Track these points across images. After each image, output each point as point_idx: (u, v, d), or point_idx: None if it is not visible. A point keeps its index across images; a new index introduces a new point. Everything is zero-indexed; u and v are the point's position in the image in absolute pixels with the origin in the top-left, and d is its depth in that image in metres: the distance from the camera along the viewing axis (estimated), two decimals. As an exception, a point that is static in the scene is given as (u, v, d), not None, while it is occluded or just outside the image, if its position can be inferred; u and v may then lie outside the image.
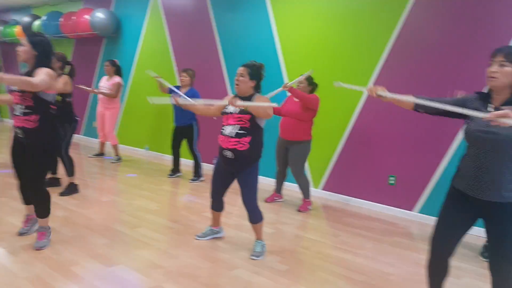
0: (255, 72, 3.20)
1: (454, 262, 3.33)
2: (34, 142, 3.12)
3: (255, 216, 3.31)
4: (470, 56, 4.09)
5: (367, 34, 4.81)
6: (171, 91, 5.57)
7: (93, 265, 3.00)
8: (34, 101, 3.07)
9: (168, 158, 6.80)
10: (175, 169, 5.89)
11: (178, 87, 5.53)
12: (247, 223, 3.93)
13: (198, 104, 3.46)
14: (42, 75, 2.99)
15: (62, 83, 4.54)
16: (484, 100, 2.10)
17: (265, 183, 5.43)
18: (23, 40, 3.14)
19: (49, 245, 3.27)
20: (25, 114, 3.08)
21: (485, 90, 2.14)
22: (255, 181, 3.27)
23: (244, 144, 3.12)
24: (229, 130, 3.15)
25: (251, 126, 3.12)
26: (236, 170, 3.25)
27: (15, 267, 2.90)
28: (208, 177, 5.93)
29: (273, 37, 5.64)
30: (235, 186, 3.45)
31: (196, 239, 3.59)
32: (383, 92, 2.25)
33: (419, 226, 4.35)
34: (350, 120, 4.98)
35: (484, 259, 3.47)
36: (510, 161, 1.98)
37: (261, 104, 3.02)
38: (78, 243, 3.38)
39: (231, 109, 3.17)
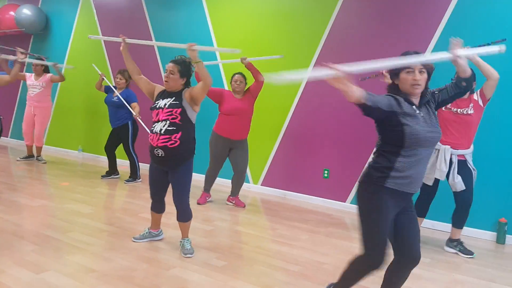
0: (186, 69, 3.14)
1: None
2: None
3: (185, 215, 3.27)
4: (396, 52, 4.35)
5: (300, 32, 4.96)
6: (107, 90, 5.48)
7: (20, 273, 2.85)
8: None
9: (104, 160, 6.58)
10: (111, 171, 5.72)
11: (114, 87, 5.48)
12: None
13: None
14: None
15: None
16: (403, 100, 2.10)
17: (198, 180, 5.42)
18: None
19: None
20: None
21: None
22: (188, 180, 3.21)
23: (174, 140, 3.05)
24: (159, 127, 3.08)
25: (182, 121, 3.07)
26: (168, 168, 3.19)
27: None
28: (146, 178, 5.83)
29: (210, 35, 5.64)
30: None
31: (133, 241, 3.50)
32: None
33: (352, 216, 4.56)
34: (286, 118, 5.11)
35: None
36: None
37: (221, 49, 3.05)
38: (4, 251, 3.19)
39: (161, 104, 3.11)
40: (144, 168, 5.99)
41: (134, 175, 5.59)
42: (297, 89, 4.99)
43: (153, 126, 3.13)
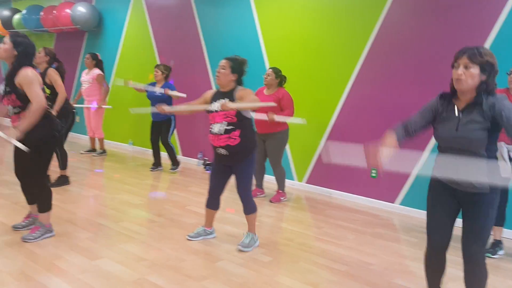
0: (237, 66, 3.20)
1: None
2: (30, 134, 3.09)
3: (248, 207, 3.33)
4: (448, 53, 4.18)
5: (348, 30, 4.86)
6: (146, 90, 5.71)
7: (76, 259, 3.00)
8: (21, 101, 3.14)
9: (151, 153, 6.78)
10: (156, 163, 5.93)
11: (153, 84, 5.69)
12: (231, 216, 3.97)
13: (180, 109, 3.48)
14: (31, 87, 3.07)
15: (53, 74, 4.56)
16: (449, 102, 2.17)
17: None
18: (6, 38, 3.19)
19: (35, 241, 3.24)
20: (15, 113, 3.18)
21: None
22: (250, 173, 3.30)
23: (235, 138, 3.14)
24: (217, 128, 3.16)
25: (238, 120, 3.14)
26: (233, 164, 3.26)
27: (-3, 262, 2.88)
28: (186, 170, 5.95)
29: (256, 32, 5.65)
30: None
31: (188, 239, 3.48)
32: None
33: (400, 217, 4.44)
34: (333, 114, 5.04)
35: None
36: (476, 158, 2.08)
37: (251, 104, 3.13)
38: (62, 238, 3.37)
39: (215, 107, 3.18)
40: (190, 162, 6.13)
41: (175, 162, 5.90)
42: (345, 84, 4.91)
43: (211, 127, 3.21)
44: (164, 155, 6.00)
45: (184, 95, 5.28)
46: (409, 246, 3.64)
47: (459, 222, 2.26)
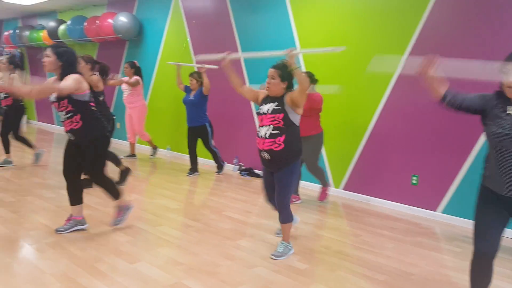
0: (286, 73, 3.14)
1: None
2: (84, 136, 3.41)
3: (284, 216, 3.28)
4: (495, 55, 4.01)
5: (387, 32, 4.76)
6: (186, 90, 5.91)
7: (116, 262, 3.07)
8: (72, 105, 3.35)
9: (188, 158, 6.89)
10: (193, 168, 6.01)
11: (190, 90, 5.96)
12: (267, 222, 3.95)
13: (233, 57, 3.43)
14: (67, 81, 3.26)
15: (96, 80, 4.73)
16: (504, 100, 2.11)
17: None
18: (48, 51, 3.34)
19: (122, 222, 3.74)
20: (68, 118, 3.38)
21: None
22: (290, 181, 3.22)
23: (279, 144, 3.11)
24: (263, 131, 3.17)
25: (285, 125, 3.11)
26: (274, 170, 3.24)
27: (42, 264, 2.99)
28: (222, 175, 5.98)
29: (293, 37, 5.64)
30: (250, 184, 3.46)
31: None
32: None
33: (442, 226, 4.27)
34: (372, 119, 4.93)
35: None
36: None
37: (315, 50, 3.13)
38: (102, 241, 3.46)
39: (264, 109, 3.19)
40: (226, 167, 6.17)
41: (219, 166, 6.04)
42: (385, 87, 4.80)
43: (259, 130, 3.22)
44: (201, 160, 6.09)
45: (215, 66, 5.49)
46: (452, 256, 3.50)
47: (508, 232, 2.16)
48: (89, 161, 3.49)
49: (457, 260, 3.38)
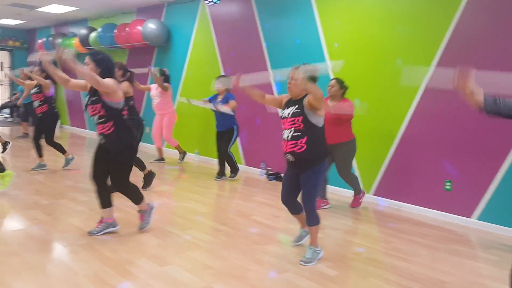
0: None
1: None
2: (113, 143, 3.49)
3: (311, 218, 3.26)
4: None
5: (417, 35, 4.66)
6: (211, 99, 5.91)
7: (147, 265, 3.10)
8: (105, 111, 3.44)
9: (216, 162, 6.92)
10: (221, 172, 6.04)
11: (216, 95, 5.94)
12: (295, 227, 3.91)
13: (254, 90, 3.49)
14: (107, 80, 3.39)
15: (126, 87, 4.84)
16: None
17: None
18: (87, 59, 3.48)
19: (149, 225, 3.80)
20: (101, 123, 3.47)
21: None
22: (316, 183, 3.23)
23: (301, 145, 3.13)
24: (286, 134, 3.21)
25: (305, 127, 3.13)
26: (299, 171, 3.25)
27: (75, 265, 3.05)
28: (249, 180, 5.97)
29: (320, 42, 5.60)
30: (278, 189, 3.46)
31: (295, 244, 3.55)
32: None
33: (478, 233, 4.14)
34: (402, 123, 4.84)
35: None
36: None
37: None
38: (133, 243, 3.51)
39: (285, 113, 3.22)
40: (253, 172, 6.15)
41: (234, 170, 6.03)
42: (415, 91, 4.70)
43: (283, 133, 3.25)
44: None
45: (229, 110, 5.64)
46: (488, 264, 3.37)
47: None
48: (114, 170, 3.55)
49: (494, 269, 3.26)
